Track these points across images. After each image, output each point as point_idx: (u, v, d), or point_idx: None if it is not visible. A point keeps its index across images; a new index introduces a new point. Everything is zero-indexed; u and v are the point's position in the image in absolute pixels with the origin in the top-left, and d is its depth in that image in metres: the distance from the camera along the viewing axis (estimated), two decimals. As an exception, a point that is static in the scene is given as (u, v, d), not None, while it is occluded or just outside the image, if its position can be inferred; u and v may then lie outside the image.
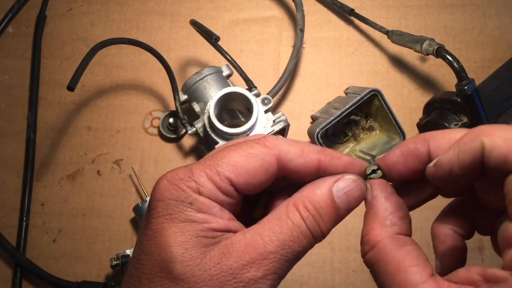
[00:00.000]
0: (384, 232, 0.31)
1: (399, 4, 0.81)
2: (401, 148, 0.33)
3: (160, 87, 0.77)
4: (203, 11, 0.82)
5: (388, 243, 0.30)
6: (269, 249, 0.30)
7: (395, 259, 0.29)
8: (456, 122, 0.65)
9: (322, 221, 0.31)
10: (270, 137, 0.33)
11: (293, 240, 0.30)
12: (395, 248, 0.30)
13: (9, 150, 0.74)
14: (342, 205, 0.32)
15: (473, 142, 0.28)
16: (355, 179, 0.32)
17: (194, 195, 0.31)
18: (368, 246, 0.31)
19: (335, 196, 0.32)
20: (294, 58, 0.71)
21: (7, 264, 0.68)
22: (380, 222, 0.31)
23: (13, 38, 0.81)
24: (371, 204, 0.32)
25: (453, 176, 0.30)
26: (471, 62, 0.76)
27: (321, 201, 0.31)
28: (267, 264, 0.30)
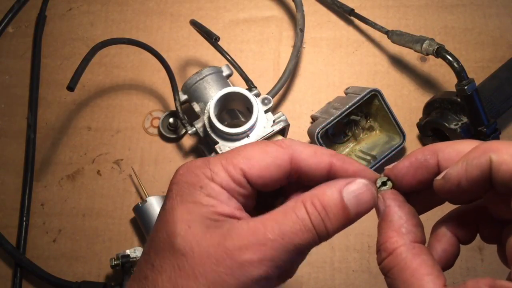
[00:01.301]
0: (401, 240, 0.31)
1: (399, 4, 0.81)
2: (410, 159, 0.34)
3: (160, 87, 0.77)
4: (203, 11, 0.82)
5: (405, 250, 0.31)
6: (269, 237, 0.31)
7: (411, 266, 0.30)
8: (456, 122, 0.65)
9: (328, 219, 0.32)
10: (285, 139, 0.35)
11: (295, 232, 0.31)
12: (411, 256, 0.31)
13: (9, 150, 0.74)
14: (352, 208, 0.32)
15: (481, 157, 0.29)
16: (367, 184, 0.33)
17: (206, 180, 0.33)
18: (386, 253, 0.31)
19: (345, 197, 0.32)
20: (294, 58, 0.71)
21: (7, 264, 0.68)
22: (396, 230, 0.32)
23: (13, 38, 0.81)
24: (385, 213, 0.33)
25: (460, 189, 0.30)
26: (471, 62, 0.76)
27: (330, 200, 0.32)
28: (264, 250, 0.30)
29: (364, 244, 0.67)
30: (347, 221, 0.33)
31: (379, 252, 0.32)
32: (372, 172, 0.36)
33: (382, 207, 0.33)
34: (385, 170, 0.35)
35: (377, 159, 0.68)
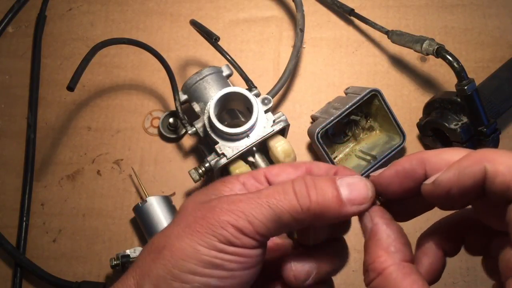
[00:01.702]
0: (390, 259, 0.31)
1: (399, 4, 0.81)
2: (396, 167, 0.33)
3: (160, 87, 0.77)
4: (203, 11, 0.82)
5: (395, 270, 0.30)
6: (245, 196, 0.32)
7: (401, 286, 0.30)
8: (456, 122, 0.65)
9: (314, 190, 0.32)
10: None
11: (271, 194, 0.32)
12: (402, 276, 0.30)
13: (9, 150, 0.74)
14: (345, 194, 0.32)
15: (475, 166, 0.28)
16: (362, 178, 0.33)
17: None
18: (374, 274, 0.31)
19: (338, 183, 0.32)
20: (294, 58, 0.71)
21: (7, 264, 0.68)
22: (384, 249, 0.31)
23: (13, 38, 0.81)
24: (373, 231, 0.32)
25: (450, 196, 0.30)
26: (471, 62, 0.76)
27: (321, 179, 0.32)
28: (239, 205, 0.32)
29: (364, 244, 0.67)
30: (339, 206, 0.32)
31: (367, 273, 0.31)
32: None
33: (369, 225, 0.33)
34: (370, 176, 0.34)
35: (377, 159, 0.68)
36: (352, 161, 0.71)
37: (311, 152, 0.73)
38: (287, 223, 0.32)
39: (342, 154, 0.72)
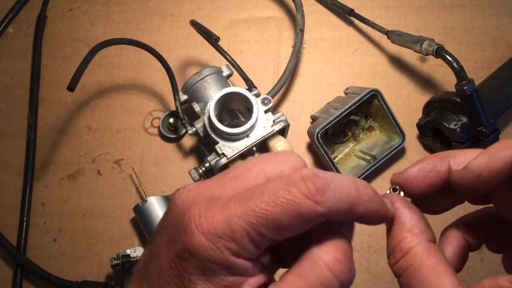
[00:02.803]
0: (415, 240, 0.31)
1: (398, 5, 0.81)
2: (420, 164, 0.34)
3: (160, 87, 0.77)
4: (203, 12, 0.82)
5: (420, 249, 0.31)
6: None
7: (427, 264, 0.30)
8: (456, 122, 0.65)
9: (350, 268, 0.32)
10: (320, 186, 0.29)
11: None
12: (427, 255, 0.30)
13: (10, 150, 0.74)
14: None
15: (506, 150, 0.30)
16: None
17: (232, 258, 0.29)
18: (401, 254, 0.31)
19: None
20: (294, 58, 0.71)
21: (7, 263, 0.68)
22: (409, 230, 0.32)
23: (14, 38, 0.81)
24: (397, 216, 0.33)
25: (480, 180, 0.31)
26: (471, 62, 0.76)
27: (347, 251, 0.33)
28: None
29: (364, 244, 0.67)
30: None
31: (393, 254, 0.32)
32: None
33: (392, 211, 0.33)
34: (393, 176, 0.35)
35: (377, 159, 0.68)
36: (352, 161, 0.72)
37: (311, 152, 0.73)
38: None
39: (342, 154, 0.73)
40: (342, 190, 0.29)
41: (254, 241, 0.29)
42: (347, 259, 0.31)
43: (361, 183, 0.30)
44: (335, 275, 0.30)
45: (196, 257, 0.29)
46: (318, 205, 0.28)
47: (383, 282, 0.65)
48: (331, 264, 0.30)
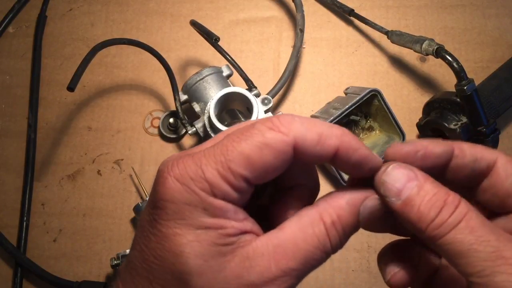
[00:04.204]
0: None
1: (398, 5, 0.81)
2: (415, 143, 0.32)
3: (160, 87, 0.77)
4: (203, 12, 0.82)
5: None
6: (292, 266, 0.29)
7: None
8: (456, 122, 0.65)
9: (345, 238, 0.31)
10: (284, 119, 0.30)
11: (316, 258, 0.30)
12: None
13: (10, 150, 0.75)
14: (362, 224, 0.31)
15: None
16: (379, 200, 0.31)
17: (209, 198, 0.29)
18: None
19: (361, 214, 0.31)
20: (294, 58, 0.71)
21: (7, 263, 0.68)
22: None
23: (14, 38, 0.81)
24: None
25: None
26: (471, 62, 0.76)
27: (348, 219, 0.31)
28: (288, 281, 0.29)
29: (364, 244, 0.67)
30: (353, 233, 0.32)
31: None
32: (375, 159, 0.32)
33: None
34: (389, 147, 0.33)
35: (376, 159, 0.68)
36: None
37: (311, 152, 0.73)
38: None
39: (342, 154, 0.73)
40: (310, 121, 0.30)
41: (227, 180, 0.29)
42: (344, 228, 0.31)
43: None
44: (329, 238, 0.30)
45: (172, 201, 0.29)
46: (284, 134, 0.29)
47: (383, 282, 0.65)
48: (330, 226, 0.30)
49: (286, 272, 0.29)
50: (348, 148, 0.30)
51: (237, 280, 0.29)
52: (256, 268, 0.29)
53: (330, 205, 0.31)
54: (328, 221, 0.30)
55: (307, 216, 0.31)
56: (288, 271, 0.29)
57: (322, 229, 0.30)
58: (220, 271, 0.29)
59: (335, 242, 0.30)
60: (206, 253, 0.29)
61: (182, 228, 0.29)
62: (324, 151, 0.30)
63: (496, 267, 0.26)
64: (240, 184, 0.29)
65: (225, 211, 0.29)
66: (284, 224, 0.31)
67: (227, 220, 0.29)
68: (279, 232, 0.30)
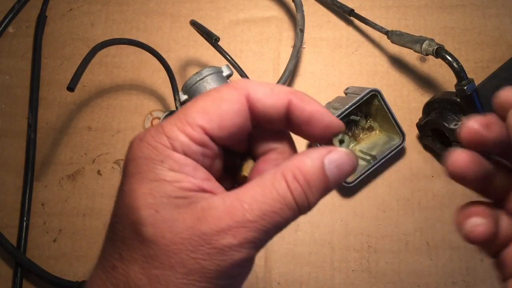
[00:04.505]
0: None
1: (398, 5, 0.81)
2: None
3: (160, 87, 0.77)
4: (203, 12, 0.82)
5: None
6: (248, 218, 0.28)
7: None
8: (456, 122, 0.65)
9: (311, 193, 0.30)
10: (239, 80, 0.32)
11: (276, 211, 0.29)
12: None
13: (10, 150, 0.75)
14: (332, 178, 0.31)
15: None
16: (348, 152, 0.31)
17: (167, 151, 0.29)
18: None
19: (327, 168, 0.30)
20: (294, 58, 0.71)
21: (7, 263, 0.68)
22: None
23: (14, 38, 0.81)
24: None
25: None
26: (471, 62, 0.76)
27: (312, 172, 0.30)
28: (244, 233, 0.28)
29: (364, 244, 0.67)
30: (326, 192, 0.31)
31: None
32: (330, 115, 0.32)
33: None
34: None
35: (376, 159, 0.68)
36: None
37: (311, 152, 0.73)
38: (282, 228, 0.30)
39: (342, 154, 0.72)
40: (263, 82, 0.32)
41: (185, 131, 0.30)
42: (308, 183, 0.30)
43: None
44: (292, 192, 0.29)
45: (133, 159, 0.30)
46: (236, 89, 0.31)
47: (383, 282, 0.65)
48: (291, 180, 0.30)
49: (241, 223, 0.28)
50: (301, 100, 0.31)
51: (189, 230, 0.28)
52: (209, 218, 0.28)
53: (291, 162, 0.30)
54: (289, 175, 0.30)
55: (268, 174, 0.30)
56: (244, 222, 0.28)
57: (282, 184, 0.29)
58: (172, 221, 0.28)
59: (299, 195, 0.29)
60: (158, 204, 0.29)
61: (138, 182, 0.29)
62: (277, 103, 0.31)
63: None
64: (199, 135, 0.30)
65: (183, 165, 0.29)
66: (245, 185, 0.30)
67: (184, 175, 0.29)
68: (238, 190, 0.30)
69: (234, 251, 0.28)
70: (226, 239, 0.28)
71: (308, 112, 0.31)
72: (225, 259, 0.28)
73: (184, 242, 0.28)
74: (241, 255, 0.29)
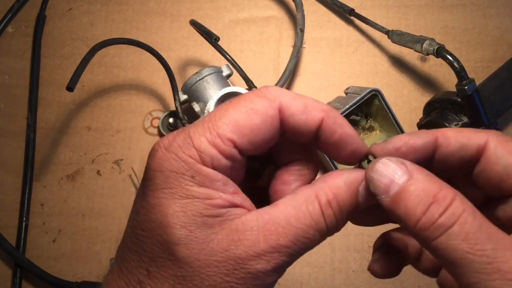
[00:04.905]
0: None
1: (399, 4, 0.81)
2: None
3: (160, 87, 0.77)
4: (203, 11, 0.82)
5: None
6: (282, 243, 0.28)
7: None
8: (457, 122, 0.65)
9: (341, 218, 0.30)
10: (271, 88, 0.30)
11: (308, 236, 0.29)
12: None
13: (9, 150, 0.74)
14: (363, 205, 0.30)
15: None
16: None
17: (197, 166, 0.28)
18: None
19: (360, 194, 0.30)
20: (294, 58, 0.71)
21: (7, 264, 0.68)
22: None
23: (13, 38, 0.81)
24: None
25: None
26: (471, 62, 0.76)
27: (346, 198, 0.29)
28: (278, 258, 0.28)
29: (364, 244, 0.67)
30: (352, 216, 0.31)
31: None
32: (358, 140, 0.31)
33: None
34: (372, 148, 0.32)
35: (377, 159, 0.68)
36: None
37: (311, 152, 0.73)
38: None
39: (342, 154, 0.72)
40: (297, 93, 0.30)
41: (215, 145, 0.28)
42: (340, 208, 0.30)
43: None
44: (324, 217, 0.29)
45: (160, 170, 0.29)
46: (270, 100, 0.29)
47: (383, 283, 0.65)
48: (325, 205, 0.29)
49: (275, 249, 0.28)
50: (333, 122, 0.30)
51: (224, 253, 0.28)
52: (244, 242, 0.28)
53: (326, 184, 0.30)
54: (324, 199, 0.29)
55: (302, 195, 0.29)
56: (278, 248, 0.28)
57: (316, 207, 0.29)
58: (207, 242, 0.28)
59: (331, 222, 0.29)
60: (192, 224, 0.28)
61: (168, 198, 0.28)
62: (309, 121, 0.30)
63: (491, 281, 0.24)
64: (229, 149, 0.29)
65: (213, 181, 0.29)
66: (277, 202, 0.30)
67: (215, 191, 0.29)
68: (271, 208, 0.29)
69: (267, 276, 0.28)
70: (260, 264, 0.28)
71: (339, 134, 0.30)
72: (258, 284, 0.28)
73: (218, 265, 0.28)
74: (273, 279, 0.29)
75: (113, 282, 0.30)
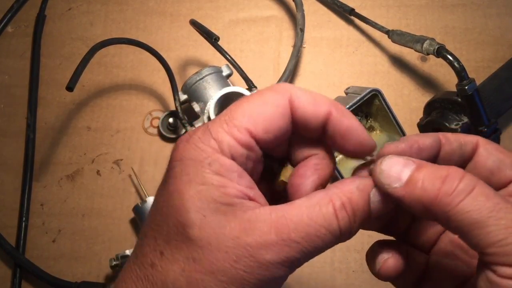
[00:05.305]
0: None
1: (399, 4, 0.81)
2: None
3: (160, 87, 0.77)
4: (203, 11, 0.81)
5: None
6: (293, 238, 0.29)
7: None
8: (457, 122, 0.64)
9: (355, 223, 0.30)
10: (282, 84, 0.33)
11: (320, 236, 0.29)
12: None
13: (9, 150, 0.74)
14: (374, 212, 0.31)
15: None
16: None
17: (215, 154, 0.30)
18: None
19: (371, 201, 0.31)
20: (294, 58, 0.71)
21: (6, 264, 0.68)
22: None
23: (13, 37, 0.81)
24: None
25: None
26: (472, 62, 0.76)
27: (360, 204, 0.30)
28: (287, 251, 0.29)
29: (364, 244, 0.67)
30: (365, 224, 0.31)
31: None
32: (365, 134, 0.33)
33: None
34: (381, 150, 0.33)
35: (377, 159, 0.67)
36: (352, 161, 0.71)
37: (311, 152, 0.73)
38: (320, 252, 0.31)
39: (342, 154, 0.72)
40: (306, 89, 0.32)
41: (232, 134, 0.30)
42: (354, 212, 0.30)
43: None
44: (338, 219, 0.30)
45: (180, 159, 0.30)
46: (280, 93, 0.31)
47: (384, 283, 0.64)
48: (339, 208, 0.30)
49: (286, 242, 0.28)
50: (341, 114, 0.32)
51: (235, 240, 0.28)
52: (256, 231, 0.29)
53: (340, 189, 0.31)
54: (338, 203, 0.30)
55: (316, 197, 0.30)
56: (288, 241, 0.28)
57: (330, 209, 0.29)
58: (219, 228, 0.29)
59: (345, 224, 0.30)
60: (206, 209, 0.29)
61: (185, 184, 0.29)
62: (318, 112, 0.31)
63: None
64: (245, 138, 0.30)
65: (229, 171, 0.30)
66: (292, 202, 0.30)
67: (229, 181, 0.30)
68: (285, 206, 0.30)
69: (276, 268, 0.29)
70: (269, 255, 0.28)
71: (346, 126, 0.32)
72: (266, 274, 0.29)
73: (228, 251, 0.28)
74: (281, 272, 0.29)
75: (128, 268, 0.32)
